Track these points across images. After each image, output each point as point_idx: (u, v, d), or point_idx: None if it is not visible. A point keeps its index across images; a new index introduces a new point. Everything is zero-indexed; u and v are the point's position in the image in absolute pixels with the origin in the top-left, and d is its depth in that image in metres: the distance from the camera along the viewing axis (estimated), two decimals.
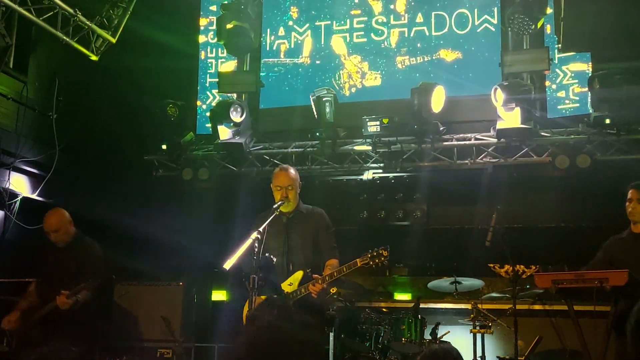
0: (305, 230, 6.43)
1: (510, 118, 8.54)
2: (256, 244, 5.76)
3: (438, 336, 7.78)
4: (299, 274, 6.21)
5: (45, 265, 7.31)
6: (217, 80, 9.96)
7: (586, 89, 8.51)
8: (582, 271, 6.09)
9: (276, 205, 6.27)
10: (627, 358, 2.89)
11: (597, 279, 5.75)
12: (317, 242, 6.42)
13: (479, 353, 7.40)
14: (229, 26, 9.62)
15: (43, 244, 7.29)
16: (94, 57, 9.02)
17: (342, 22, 10.12)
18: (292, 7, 10.38)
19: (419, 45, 9.78)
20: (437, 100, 8.77)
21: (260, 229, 5.92)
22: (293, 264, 6.32)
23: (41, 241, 7.27)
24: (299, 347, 3.09)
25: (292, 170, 6.52)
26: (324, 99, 9.11)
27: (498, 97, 8.45)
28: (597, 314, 5.94)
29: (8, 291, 7.65)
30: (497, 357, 7.66)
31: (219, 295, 9.72)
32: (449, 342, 7.64)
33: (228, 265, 5.82)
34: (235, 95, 9.88)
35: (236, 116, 9.39)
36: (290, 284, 6.20)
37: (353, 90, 9.98)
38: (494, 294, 7.96)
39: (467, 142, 9.17)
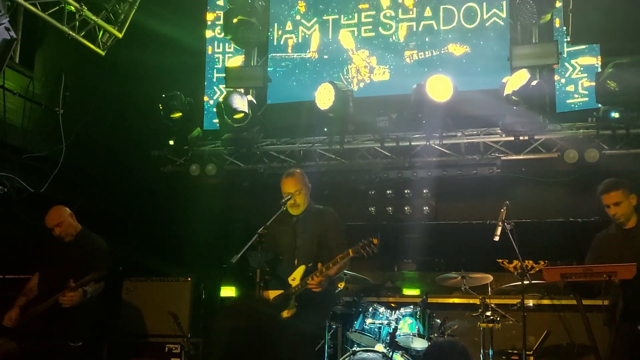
0: (313, 229, 6.52)
1: (519, 112, 8.48)
2: (262, 239, 5.84)
3: (446, 331, 7.77)
4: (301, 269, 6.33)
5: (49, 260, 7.34)
6: (224, 75, 9.94)
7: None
8: (590, 265, 6.06)
9: (283, 200, 6.33)
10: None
11: (606, 272, 5.72)
12: (326, 240, 6.50)
13: (486, 347, 7.37)
14: (236, 20, 9.60)
15: (47, 240, 7.32)
16: (100, 52, 9.00)
17: (350, 17, 10.07)
18: (299, 2, 10.34)
19: (427, 39, 9.74)
20: (437, 89, 8.55)
21: (267, 224, 6.01)
22: (299, 260, 6.41)
23: (46, 237, 7.28)
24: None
25: (297, 175, 6.59)
26: (346, 92, 9.00)
27: (506, 91, 8.39)
28: (605, 308, 5.93)
29: (14, 288, 7.64)
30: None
31: (228, 291, 9.71)
32: (456, 337, 7.65)
33: (235, 260, 5.85)
34: (242, 90, 9.83)
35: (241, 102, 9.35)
36: (293, 279, 6.31)
37: (361, 85, 9.94)
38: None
39: (476, 137, 9.12)
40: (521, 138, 8.84)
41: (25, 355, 6.78)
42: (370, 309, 7.86)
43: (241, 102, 9.34)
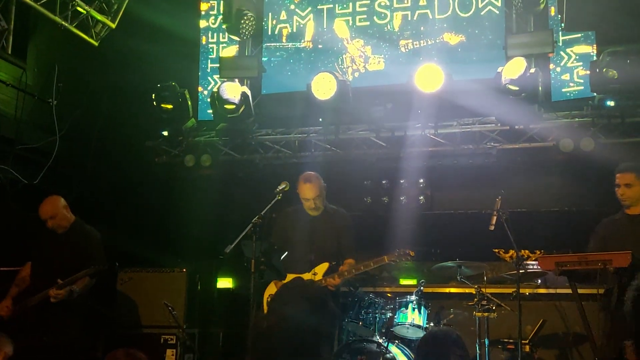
0: (329, 228, 6.74)
1: (514, 101, 8.45)
2: (256, 229, 5.87)
3: (441, 320, 7.77)
4: (324, 265, 6.48)
5: (42, 252, 7.29)
6: (218, 65, 9.88)
7: None
8: (585, 253, 6.06)
9: (278, 189, 6.49)
10: (628, 332, 2.83)
11: (601, 260, 5.72)
12: (339, 240, 6.71)
13: (482, 337, 7.37)
14: (231, 10, 9.54)
15: (40, 231, 7.27)
16: (93, 43, 8.95)
17: (345, 6, 9.99)
18: None
19: (422, 28, 9.67)
20: (427, 79, 8.52)
21: (262, 213, 6.06)
22: (316, 256, 6.59)
23: (39, 228, 7.24)
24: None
25: (315, 181, 6.71)
26: (345, 83, 8.97)
27: (503, 80, 8.35)
28: (600, 296, 5.93)
29: (9, 280, 7.61)
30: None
31: (225, 283, 9.70)
32: (451, 326, 7.66)
33: (229, 249, 5.86)
34: (237, 80, 9.78)
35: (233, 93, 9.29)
36: (314, 274, 6.46)
37: (356, 75, 9.88)
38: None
39: (471, 126, 9.09)
40: (516, 127, 8.82)
41: (20, 351, 6.77)
42: (367, 299, 7.87)
43: (232, 93, 9.28)
